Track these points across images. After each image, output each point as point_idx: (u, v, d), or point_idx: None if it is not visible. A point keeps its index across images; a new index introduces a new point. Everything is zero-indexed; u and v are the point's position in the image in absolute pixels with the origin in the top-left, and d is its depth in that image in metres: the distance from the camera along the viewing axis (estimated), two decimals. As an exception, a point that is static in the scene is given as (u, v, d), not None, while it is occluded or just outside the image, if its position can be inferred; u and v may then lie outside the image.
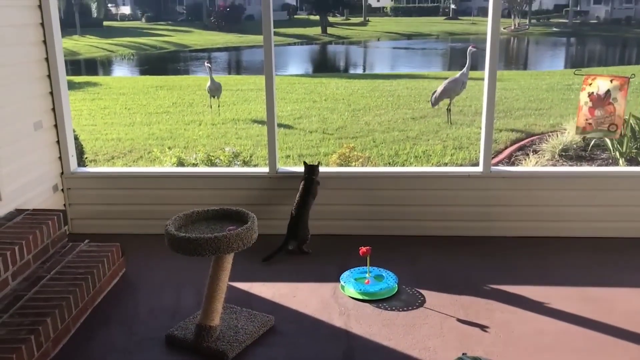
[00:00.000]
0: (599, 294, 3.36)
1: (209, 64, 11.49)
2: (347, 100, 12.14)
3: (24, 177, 3.83)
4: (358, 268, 3.60)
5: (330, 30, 37.94)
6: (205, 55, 26.03)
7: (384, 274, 3.52)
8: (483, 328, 3.03)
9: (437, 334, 2.97)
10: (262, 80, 4.17)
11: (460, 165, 7.42)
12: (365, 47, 32.08)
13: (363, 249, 3.42)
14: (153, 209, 4.23)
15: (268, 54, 3.98)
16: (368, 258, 3.47)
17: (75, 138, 4.88)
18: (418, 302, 3.29)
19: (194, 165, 6.26)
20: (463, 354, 2.69)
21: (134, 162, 7.98)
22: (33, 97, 3.96)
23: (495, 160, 7.45)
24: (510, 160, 7.59)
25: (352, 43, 33.50)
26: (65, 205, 4.30)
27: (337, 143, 8.61)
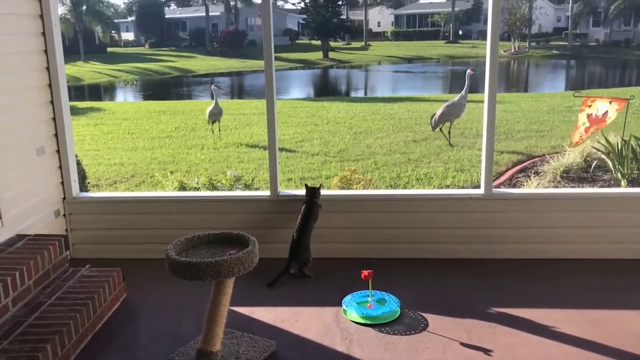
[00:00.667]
0: (604, 317, 3.32)
1: (216, 87, 11.49)
2: (348, 124, 12.21)
3: (26, 202, 3.84)
4: (360, 292, 3.58)
5: (332, 55, 38.34)
6: (208, 80, 26.26)
7: (387, 298, 3.50)
8: (487, 352, 2.99)
9: (440, 359, 2.94)
10: (264, 105, 4.20)
11: (462, 188, 7.41)
12: (367, 70, 32.37)
13: (365, 272, 3.40)
14: (155, 234, 4.23)
15: (269, 79, 4.02)
16: (370, 281, 3.45)
17: (78, 163, 4.91)
18: (421, 325, 3.26)
19: (196, 189, 6.27)
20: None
21: (136, 186, 7.99)
22: (36, 122, 3.99)
23: (497, 182, 7.44)
24: (512, 182, 7.58)
25: (353, 67, 33.82)
26: (67, 230, 4.30)
27: (338, 166, 8.63)
